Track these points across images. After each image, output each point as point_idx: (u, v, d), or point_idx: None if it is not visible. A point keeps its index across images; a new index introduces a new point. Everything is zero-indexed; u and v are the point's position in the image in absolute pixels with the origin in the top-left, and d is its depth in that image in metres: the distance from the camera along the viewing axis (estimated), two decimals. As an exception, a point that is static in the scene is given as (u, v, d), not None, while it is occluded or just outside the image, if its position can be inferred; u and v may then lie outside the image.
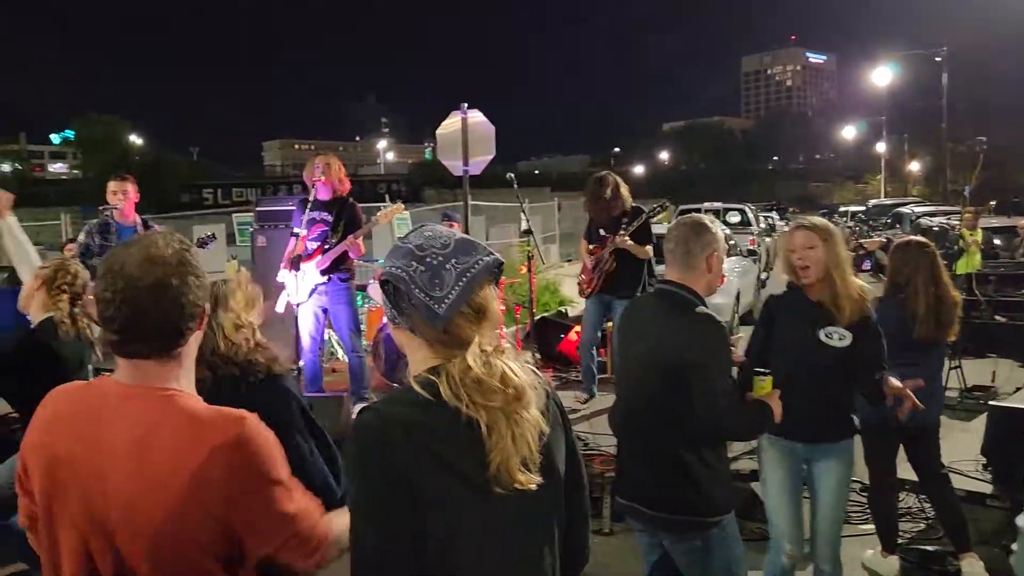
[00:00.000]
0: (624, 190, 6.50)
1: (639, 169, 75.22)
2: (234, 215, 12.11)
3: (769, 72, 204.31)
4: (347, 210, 5.99)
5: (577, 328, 7.49)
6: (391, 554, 1.37)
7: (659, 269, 5.07)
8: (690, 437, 2.70)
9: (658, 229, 6.43)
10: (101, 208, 5.96)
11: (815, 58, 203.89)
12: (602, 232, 6.46)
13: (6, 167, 64.71)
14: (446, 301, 1.41)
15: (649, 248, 6.30)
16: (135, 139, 61.64)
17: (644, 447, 2.81)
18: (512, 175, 8.04)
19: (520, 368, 1.46)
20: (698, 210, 18.49)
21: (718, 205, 18.37)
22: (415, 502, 1.36)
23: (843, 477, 3.30)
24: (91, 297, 3.30)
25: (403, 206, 6.91)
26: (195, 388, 1.62)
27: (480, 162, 8.32)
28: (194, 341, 1.59)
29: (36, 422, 1.59)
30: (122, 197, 5.81)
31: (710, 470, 2.72)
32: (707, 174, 74.18)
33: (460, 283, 1.42)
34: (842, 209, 35.52)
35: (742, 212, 17.62)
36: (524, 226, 9.45)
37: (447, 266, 1.42)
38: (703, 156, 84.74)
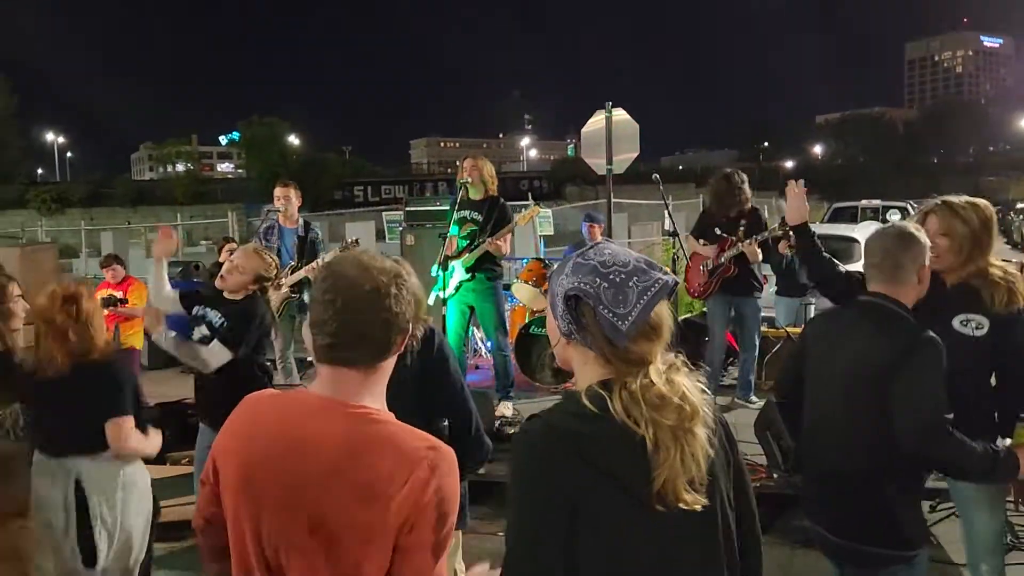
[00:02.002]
0: (748, 190, 6.30)
1: (789, 164, 72.30)
2: (384, 213, 12.55)
3: (936, 58, 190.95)
4: (497, 210, 6.07)
5: (725, 331, 7.29)
6: (547, 565, 1.38)
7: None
8: (890, 460, 2.47)
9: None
10: (267, 210, 6.37)
11: (989, 42, 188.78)
12: (718, 231, 6.25)
13: (180, 167, 70.08)
14: (629, 318, 1.42)
15: (760, 251, 6.08)
16: (293, 139, 65.10)
17: (834, 467, 2.60)
18: (657, 175, 7.90)
19: (693, 386, 1.47)
20: (855, 208, 17.59)
21: (877, 203, 17.37)
22: (575, 514, 1.37)
23: (989, 499, 2.96)
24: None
25: (540, 207, 6.93)
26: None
27: (624, 160, 8.25)
28: (394, 358, 1.61)
29: (232, 427, 1.65)
30: (285, 202, 6.17)
31: (905, 497, 2.50)
32: (865, 169, 70.24)
33: (642, 301, 1.44)
34: (1020, 205, 32.68)
35: (903, 210, 16.54)
36: (668, 226, 9.28)
37: (630, 284, 1.44)
38: (861, 150, 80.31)
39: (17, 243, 16.93)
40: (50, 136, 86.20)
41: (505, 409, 6.12)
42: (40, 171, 76.30)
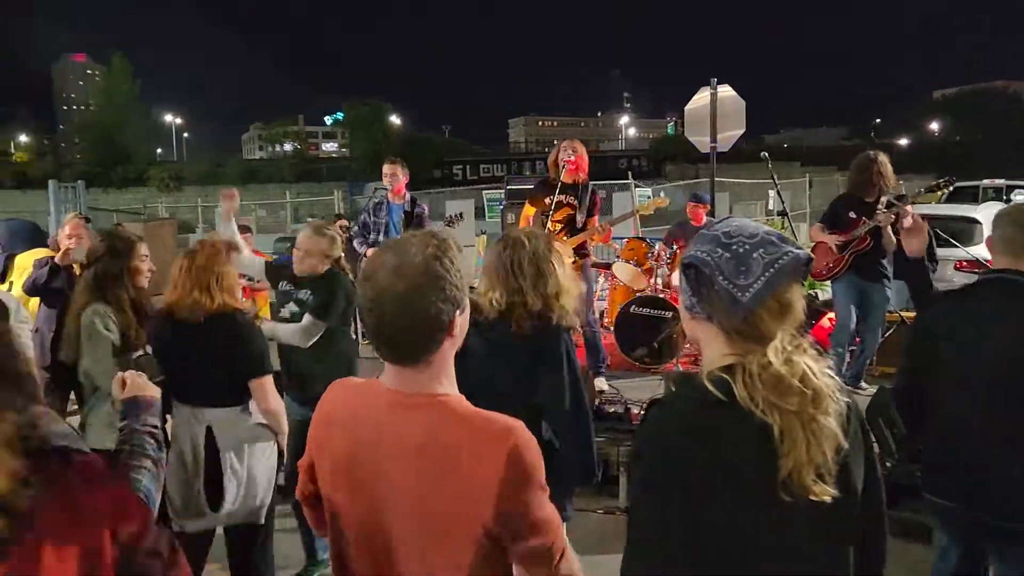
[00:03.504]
0: (890, 173, 5.97)
1: (903, 141, 68.93)
2: (484, 191, 12.68)
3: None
4: (589, 195, 6.04)
5: (830, 314, 7.06)
6: (672, 553, 1.37)
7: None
8: None
9: (927, 210, 5.84)
10: (375, 187, 6.54)
11: None
12: (852, 215, 5.96)
13: (287, 147, 72.53)
14: (750, 290, 1.37)
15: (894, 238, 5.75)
16: (395, 119, 66.31)
17: (995, 451, 2.53)
18: (765, 153, 7.68)
19: (820, 371, 1.40)
20: (976, 187, 16.66)
21: (1000, 182, 16.40)
22: (699, 504, 1.34)
23: None
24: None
25: (667, 200, 6.85)
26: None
27: (729, 137, 8.07)
28: (449, 347, 1.58)
29: (319, 416, 1.70)
30: (392, 178, 6.34)
31: None
32: (987, 146, 66.19)
33: (767, 274, 1.38)
34: None
35: (1030, 190, 15.57)
36: (772, 205, 9.04)
37: (754, 255, 1.39)
38: (982, 126, 75.69)
39: (140, 218, 17.91)
40: (168, 118, 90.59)
41: (601, 384, 6.13)
42: (159, 151, 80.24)
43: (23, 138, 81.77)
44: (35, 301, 5.02)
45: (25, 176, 55.32)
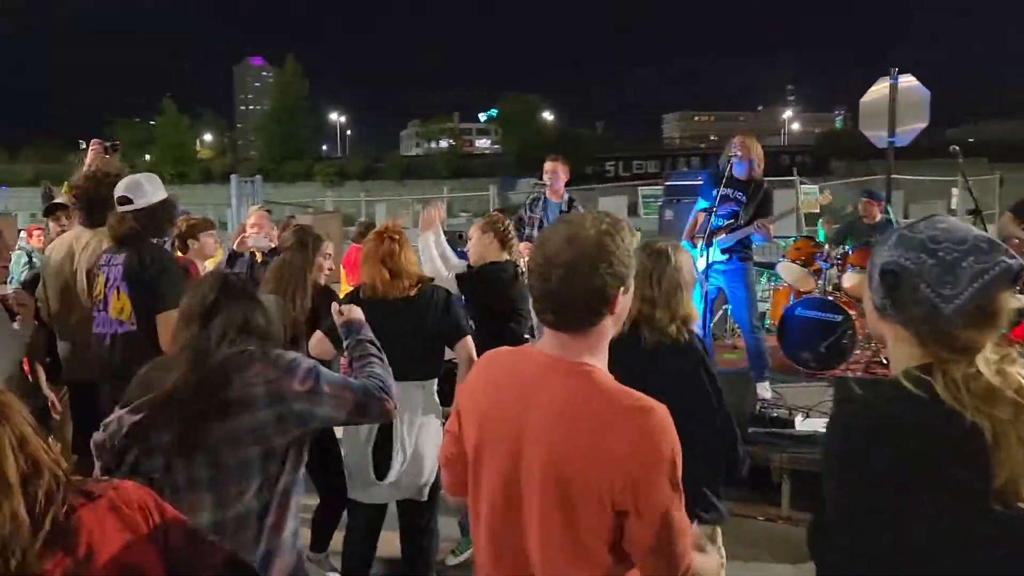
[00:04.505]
0: None
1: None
2: (639, 188, 12.51)
3: None
4: (761, 194, 5.82)
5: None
6: (868, 557, 1.31)
7: None
8: None
9: None
10: (534, 183, 6.59)
11: None
12: None
13: (443, 143, 74.71)
14: (956, 301, 1.29)
15: None
16: (547, 115, 66.80)
17: None
18: (956, 147, 7.11)
19: None
20: None
21: None
22: (898, 506, 1.28)
23: None
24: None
25: (830, 197, 6.50)
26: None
27: (909, 131, 7.58)
28: (610, 323, 1.63)
29: (470, 379, 1.81)
30: (552, 175, 6.36)
31: None
32: None
33: (975, 284, 1.29)
34: None
35: None
36: (955, 204, 8.39)
37: (963, 264, 1.30)
38: None
39: (308, 211, 18.94)
40: (333, 116, 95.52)
41: (764, 391, 5.90)
42: (324, 148, 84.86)
43: (207, 137, 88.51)
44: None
45: (208, 172, 59.91)
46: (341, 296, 3.80)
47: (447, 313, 3.45)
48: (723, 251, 5.85)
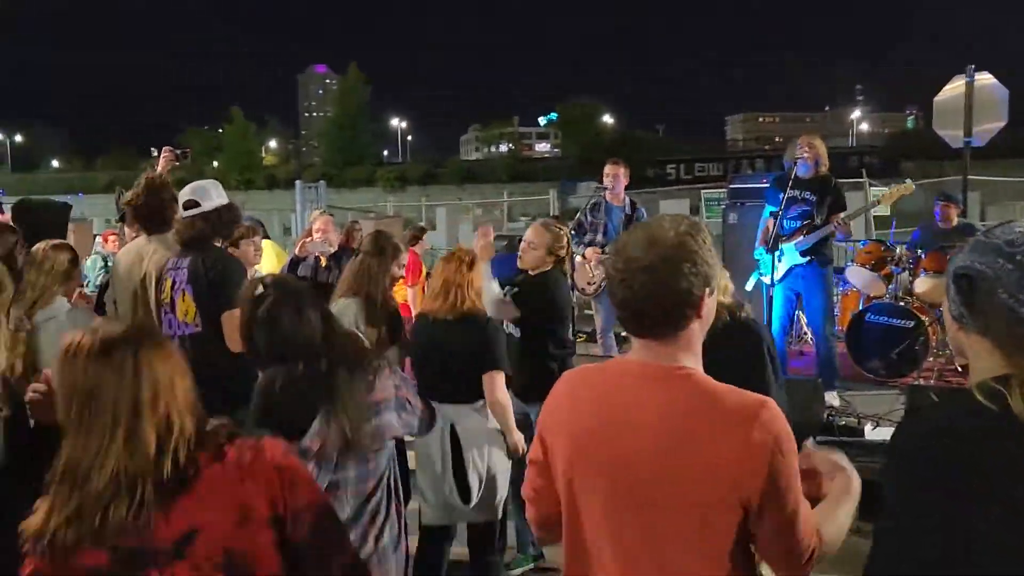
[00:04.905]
0: None
1: None
2: (702, 191, 12.34)
3: None
4: (831, 190, 5.69)
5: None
6: (911, 562, 1.27)
7: None
8: None
9: None
10: (595, 187, 6.55)
11: None
12: None
13: (503, 147, 75.02)
14: None
15: None
16: (607, 118, 66.52)
17: None
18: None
19: None
20: None
21: None
22: (946, 513, 1.23)
23: None
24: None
25: (912, 185, 6.26)
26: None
27: (987, 131, 7.32)
28: (698, 327, 1.59)
29: (555, 403, 1.71)
30: (613, 179, 6.30)
31: None
32: None
33: None
34: None
35: None
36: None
37: None
38: None
39: (368, 216, 19.21)
40: (394, 122, 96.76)
41: (833, 399, 5.75)
42: (385, 153, 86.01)
43: (272, 143, 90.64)
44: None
45: (273, 178, 61.35)
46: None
47: (484, 340, 3.44)
48: (802, 254, 5.73)
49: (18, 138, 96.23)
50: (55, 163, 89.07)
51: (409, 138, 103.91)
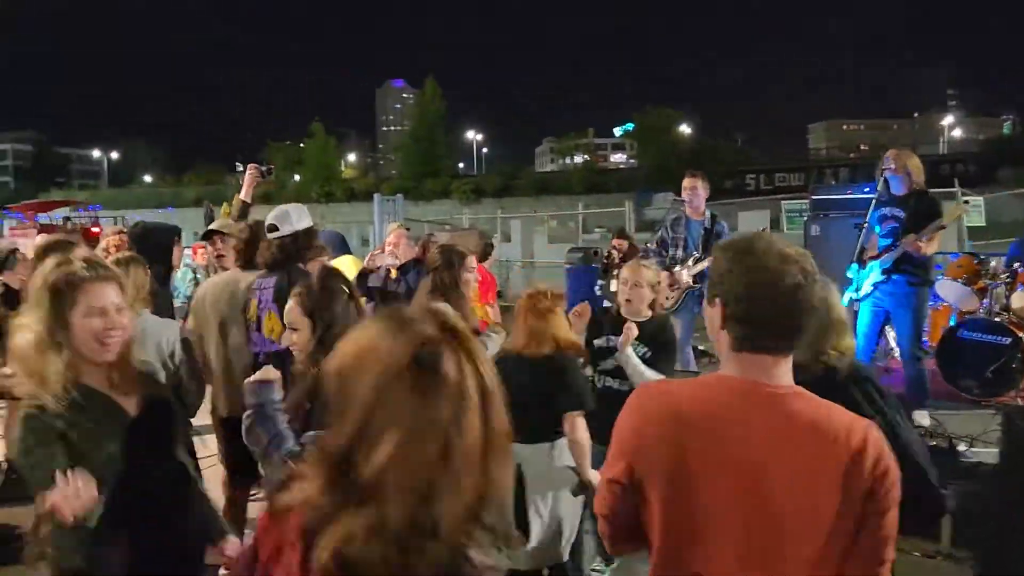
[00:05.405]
0: None
1: None
2: (783, 201, 12.04)
3: None
4: (923, 208, 5.46)
5: None
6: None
7: None
8: None
9: None
10: (672, 199, 6.47)
11: None
12: None
13: (577, 159, 74.83)
14: None
15: None
16: (685, 128, 65.69)
17: None
18: None
19: None
20: None
21: None
22: None
23: None
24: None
25: (966, 207, 6.01)
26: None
27: (1090, 138, 6.91)
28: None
29: (641, 421, 1.68)
30: (692, 192, 6.21)
31: None
32: None
33: None
34: None
35: None
36: None
37: None
38: None
39: (444, 229, 19.42)
40: (470, 134, 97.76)
41: (923, 419, 5.53)
42: (461, 165, 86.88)
43: (351, 157, 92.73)
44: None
45: (352, 191, 62.68)
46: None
47: (566, 381, 3.41)
48: (884, 271, 5.56)
49: (114, 155, 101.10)
50: (147, 178, 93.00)
51: (484, 150, 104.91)
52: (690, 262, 6.32)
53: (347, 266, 6.01)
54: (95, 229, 15.00)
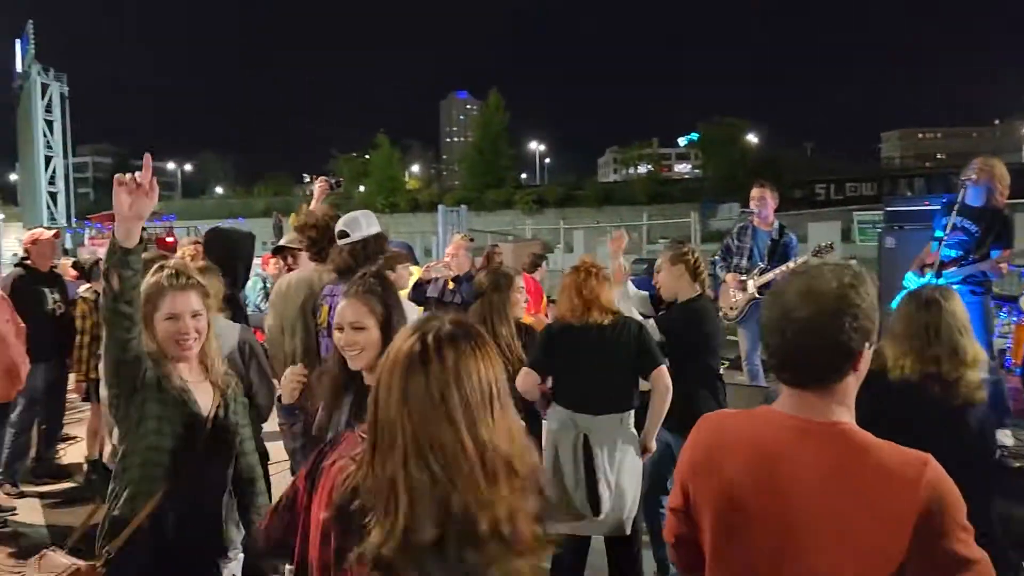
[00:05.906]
0: None
1: None
2: (855, 213, 11.72)
3: None
4: (998, 225, 5.22)
5: None
6: None
7: None
8: None
9: None
10: (740, 210, 6.38)
11: None
12: None
13: (641, 169, 74.23)
14: None
15: None
16: (752, 138, 64.59)
17: None
18: None
19: None
20: None
21: None
22: None
23: None
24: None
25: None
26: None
27: None
28: (853, 380, 1.54)
29: (699, 449, 1.68)
30: (759, 203, 6.11)
31: None
32: None
33: None
34: None
35: None
36: None
37: None
38: None
39: (507, 239, 19.49)
40: (532, 145, 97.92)
41: (1005, 438, 5.29)
42: (523, 176, 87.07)
43: (415, 168, 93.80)
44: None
45: (416, 202, 63.40)
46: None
47: (640, 343, 3.48)
48: (949, 284, 5.34)
49: (187, 167, 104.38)
50: (219, 190, 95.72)
51: (547, 160, 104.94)
52: (755, 272, 6.21)
53: (414, 277, 6.09)
54: (169, 239, 15.48)
